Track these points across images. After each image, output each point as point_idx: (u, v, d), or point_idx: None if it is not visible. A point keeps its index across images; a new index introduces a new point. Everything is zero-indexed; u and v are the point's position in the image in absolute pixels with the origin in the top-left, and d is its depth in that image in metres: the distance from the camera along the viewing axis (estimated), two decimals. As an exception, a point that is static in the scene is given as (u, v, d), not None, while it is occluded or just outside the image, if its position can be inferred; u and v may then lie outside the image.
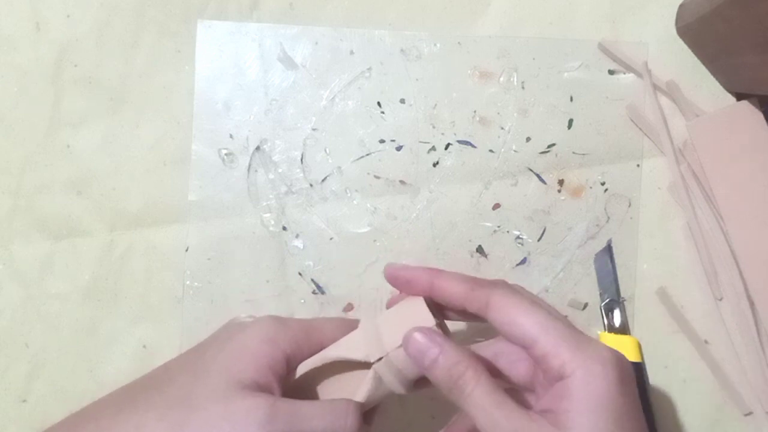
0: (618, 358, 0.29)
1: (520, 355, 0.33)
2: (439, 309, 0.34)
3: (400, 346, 0.32)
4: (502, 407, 0.29)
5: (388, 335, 0.32)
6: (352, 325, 0.35)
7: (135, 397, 0.31)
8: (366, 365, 0.32)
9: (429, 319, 0.32)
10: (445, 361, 0.30)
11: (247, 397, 0.30)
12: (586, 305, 0.46)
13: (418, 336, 0.31)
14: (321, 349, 0.34)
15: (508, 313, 0.30)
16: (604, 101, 0.46)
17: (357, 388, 0.33)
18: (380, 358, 0.32)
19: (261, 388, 0.31)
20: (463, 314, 0.33)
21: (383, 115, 0.46)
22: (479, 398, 0.29)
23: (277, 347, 0.32)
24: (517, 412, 0.29)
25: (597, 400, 0.27)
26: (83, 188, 0.46)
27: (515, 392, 0.32)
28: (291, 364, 0.32)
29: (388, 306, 0.35)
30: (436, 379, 0.31)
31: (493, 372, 0.32)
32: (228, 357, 0.31)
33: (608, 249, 0.45)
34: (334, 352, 0.34)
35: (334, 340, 0.34)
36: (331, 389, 0.34)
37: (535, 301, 0.31)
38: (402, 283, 0.33)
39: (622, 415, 0.28)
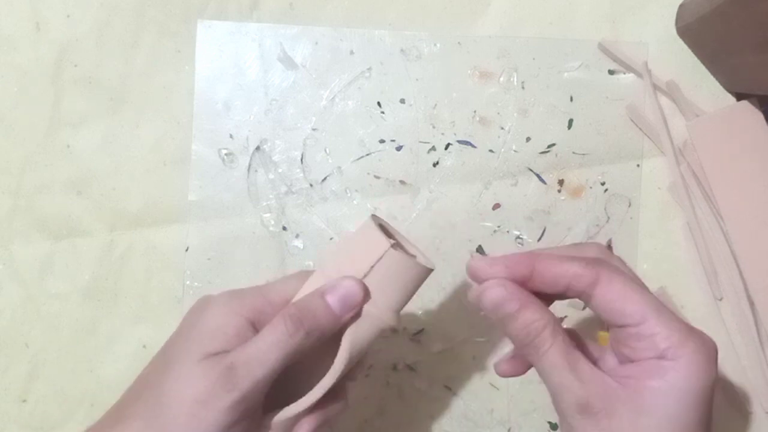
0: (717, 354, 0.28)
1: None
2: (389, 229, 0.33)
3: (365, 275, 0.31)
4: (576, 370, 0.28)
5: (351, 265, 0.32)
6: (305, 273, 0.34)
7: (123, 410, 0.31)
8: None
9: (383, 241, 0.31)
10: (524, 317, 0.29)
11: (204, 365, 0.30)
12: (586, 305, 0.46)
13: (496, 288, 0.29)
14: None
15: (619, 291, 0.29)
16: (604, 101, 0.46)
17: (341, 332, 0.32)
18: None
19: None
20: (560, 293, 0.31)
21: (383, 115, 0.46)
22: (554, 358, 0.28)
23: (238, 315, 0.31)
24: (592, 377, 0.28)
25: (689, 393, 0.27)
26: (83, 188, 0.46)
27: (591, 352, 0.31)
28: (258, 327, 0.32)
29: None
30: (510, 332, 0.30)
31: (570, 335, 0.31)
32: (193, 340, 0.31)
33: (608, 249, 0.45)
34: None
35: (297, 293, 0.33)
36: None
37: (643, 284, 0.30)
38: (495, 275, 0.30)
39: (705, 414, 0.27)
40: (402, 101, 0.46)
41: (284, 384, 0.33)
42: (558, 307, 0.46)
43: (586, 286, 0.30)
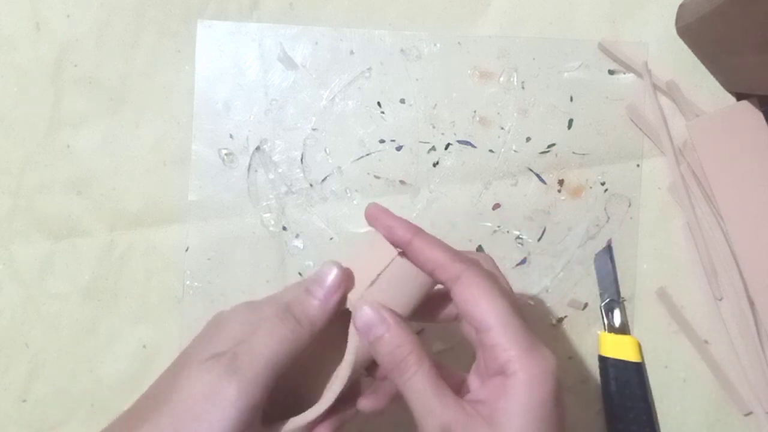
0: (557, 368, 0.30)
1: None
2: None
3: (373, 282, 0.32)
4: (439, 396, 0.29)
5: (358, 273, 0.32)
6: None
7: (135, 415, 0.31)
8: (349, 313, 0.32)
9: (391, 250, 0.32)
10: (390, 340, 0.30)
11: (210, 362, 0.30)
12: (586, 305, 0.46)
13: (367, 310, 0.31)
14: None
15: (474, 294, 0.30)
16: (604, 101, 0.46)
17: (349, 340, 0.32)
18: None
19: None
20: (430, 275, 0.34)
21: (383, 115, 0.46)
22: (418, 384, 0.30)
23: (251, 323, 0.32)
24: (453, 403, 0.29)
25: (532, 406, 0.28)
26: (83, 188, 0.46)
27: (453, 377, 0.33)
28: None
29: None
30: (378, 355, 0.31)
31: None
32: (203, 345, 0.31)
33: (608, 249, 0.45)
34: None
35: None
36: (327, 350, 0.34)
37: (503, 293, 0.31)
38: (381, 225, 0.33)
39: (551, 424, 0.29)
40: (402, 101, 0.46)
41: (288, 395, 0.33)
42: (558, 307, 0.46)
43: (447, 279, 0.31)
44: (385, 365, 0.31)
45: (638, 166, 0.46)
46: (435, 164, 0.46)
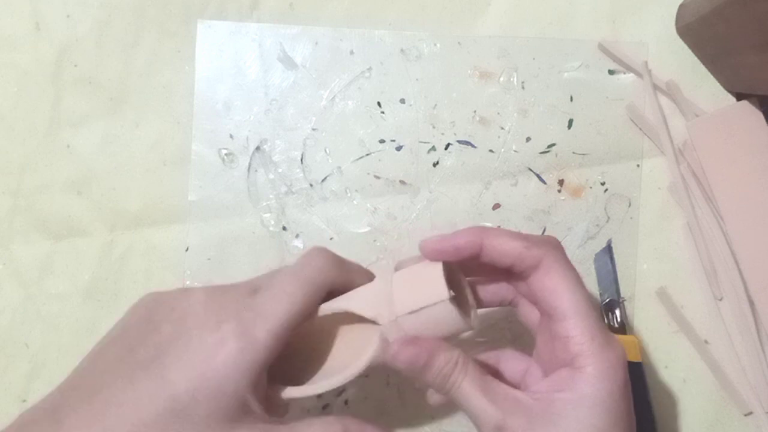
0: (625, 360, 0.29)
1: (516, 357, 0.34)
2: (457, 273, 0.34)
3: (412, 311, 0.31)
4: (489, 394, 0.29)
5: (400, 299, 0.32)
6: (369, 275, 0.34)
7: (57, 411, 0.28)
8: (375, 323, 0.32)
9: (443, 292, 0.31)
10: (436, 365, 0.30)
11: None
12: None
13: (407, 349, 0.30)
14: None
15: (554, 281, 0.30)
16: (604, 101, 0.46)
17: (363, 346, 0.32)
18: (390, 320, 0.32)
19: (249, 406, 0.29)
20: (504, 274, 0.33)
21: (383, 115, 0.46)
22: (467, 388, 0.30)
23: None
24: (504, 398, 0.29)
25: (600, 399, 0.28)
26: (83, 188, 0.46)
27: (514, 368, 0.33)
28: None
29: (397, 268, 0.34)
30: (427, 381, 0.31)
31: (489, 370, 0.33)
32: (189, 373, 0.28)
33: (608, 249, 0.45)
34: (345, 303, 0.33)
35: (357, 284, 0.34)
36: (339, 341, 0.34)
37: (581, 282, 0.31)
38: (448, 254, 0.32)
39: (618, 417, 0.28)
40: (402, 101, 0.46)
41: (287, 363, 0.33)
42: (558, 307, 0.46)
43: (527, 267, 0.31)
44: (435, 386, 0.31)
45: (638, 166, 0.46)
46: (435, 164, 0.46)
